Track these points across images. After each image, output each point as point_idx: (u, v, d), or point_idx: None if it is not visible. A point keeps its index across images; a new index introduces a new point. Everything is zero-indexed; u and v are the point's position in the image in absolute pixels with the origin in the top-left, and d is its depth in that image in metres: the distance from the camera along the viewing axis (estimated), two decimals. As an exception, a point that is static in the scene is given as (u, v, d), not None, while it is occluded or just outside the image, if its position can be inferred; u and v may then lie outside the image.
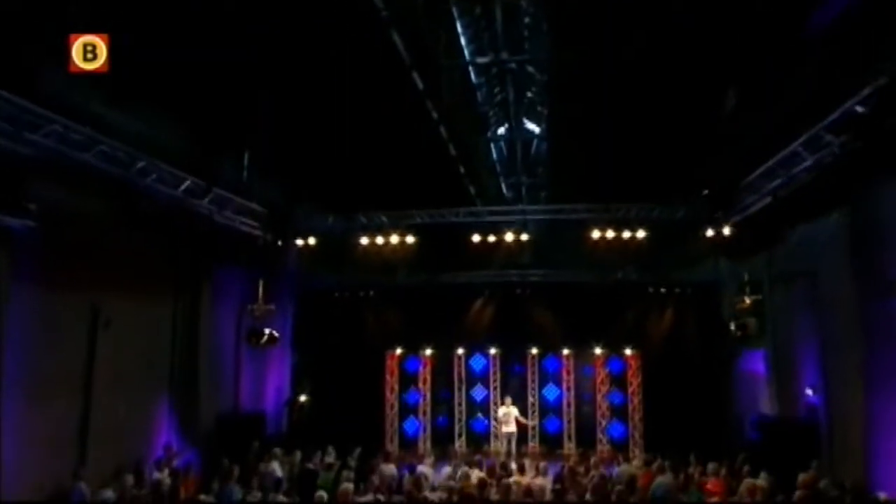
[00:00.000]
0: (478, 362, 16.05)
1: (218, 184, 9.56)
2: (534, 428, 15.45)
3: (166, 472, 10.07)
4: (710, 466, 10.19)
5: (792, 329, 13.86)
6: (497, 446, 15.26)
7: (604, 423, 14.97)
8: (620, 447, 14.68)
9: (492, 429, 15.53)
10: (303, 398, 14.32)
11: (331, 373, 15.50)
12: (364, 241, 12.53)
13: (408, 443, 15.44)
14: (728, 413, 14.94)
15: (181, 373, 11.52)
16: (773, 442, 11.40)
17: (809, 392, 13.03)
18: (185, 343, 11.55)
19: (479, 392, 15.89)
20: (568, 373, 15.54)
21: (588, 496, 8.68)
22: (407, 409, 15.62)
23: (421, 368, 15.77)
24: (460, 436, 15.55)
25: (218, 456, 10.90)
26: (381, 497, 8.17)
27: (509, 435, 13.11)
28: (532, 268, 15.73)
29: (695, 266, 16.40)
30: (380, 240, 12.42)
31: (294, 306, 15.76)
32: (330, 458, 11.75)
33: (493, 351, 15.78)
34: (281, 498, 8.88)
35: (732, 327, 8.82)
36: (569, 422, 15.32)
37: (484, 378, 15.91)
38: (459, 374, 15.79)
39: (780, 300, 14.34)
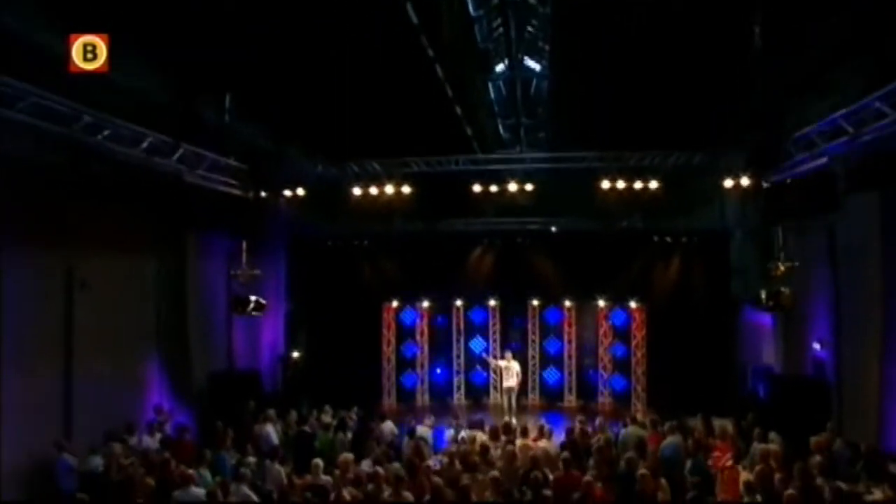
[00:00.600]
0: (477, 315, 15.64)
1: (190, 138, 8.57)
2: (534, 380, 15.23)
3: (158, 436, 9.74)
4: (717, 427, 9.94)
5: (803, 281, 13.41)
6: (496, 399, 15.10)
7: (605, 376, 14.74)
8: (622, 401, 14.52)
9: (491, 381, 15.32)
10: (296, 354, 13.92)
11: (326, 326, 15.12)
12: (357, 191, 11.75)
13: (405, 396, 15.24)
14: (731, 365, 14.72)
15: (169, 332, 11.03)
16: (783, 400, 11.12)
17: (817, 347, 12.71)
18: (171, 301, 10.99)
19: (478, 344, 15.56)
20: (570, 325, 15.16)
21: (592, 464, 8.36)
22: (404, 363, 15.33)
23: (418, 321, 15.37)
24: (459, 389, 15.34)
25: (213, 417, 10.59)
26: (380, 469, 7.80)
27: (509, 390, 12.85)
28: (533, 216, 15.08)
29: (701, 213, 15.85)
30: (374, 190, 11.64)
31: (286, 257, 15.11)
32: (327, 416, 11.46)
33: (492, 303, 15.34)
34: (276, 466, 8.53)
35: (764, 296, 8.16)
36: (569, 374, 15.10)
37: (483, 330, 15.54)
38: (458, 326, 15.40)
39: (791, 251, 13.83)
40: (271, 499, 8.13)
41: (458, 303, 15.37)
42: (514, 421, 12.63)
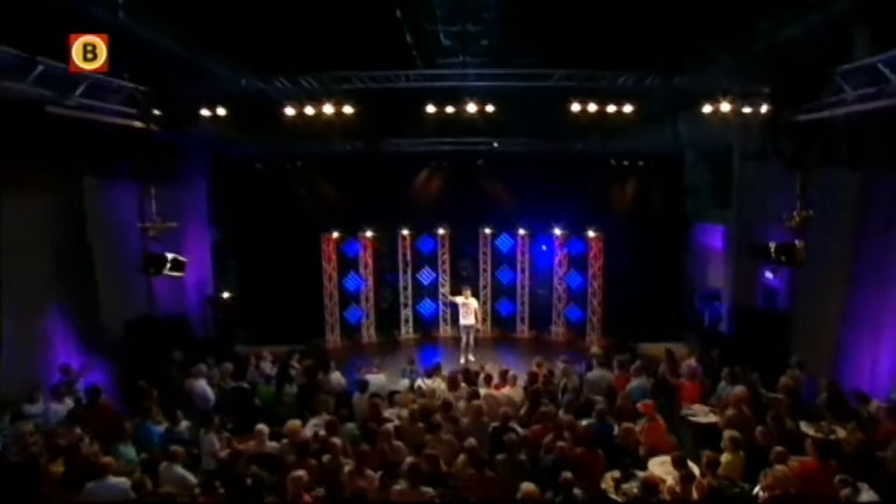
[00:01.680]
0: (425, 244, 14.61)
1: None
2: (486, 311, 14.64)
3: (68, 401, 8.40)
4: (685, 365, 9.69)
5: (761, 207, 13.17)
6: (447, 331, 14.49)
7: (560, 306, 14.31)
8: (577, 331, 14.23)
9: (440, 313, 14.61)
10: (227, 294, 12.51)
11: (259, 260, 13.74)
12: (290, 111, 10.03)
13: (350, 331, 14.30)
14: (682, 289, 14.67)
15: (72, 280, 9.35)
16: (746, 334, 10.99)
17: (769, 275, 12.69)
18: (70, 245, 9.24)
19: (426, 275, 14.66)
20: (523, 254, 14.45)
21: (562, 414, 7.83)
22: (348, 297, 14.26)
23: (361, 252, 14.17)
24: (406, 322, 14.55)
25: (133, 374, 9.29)
26: (336, 441, 6.92)
27: (468, 328, 12.15)
28: (485, 135, 13.86)
29: (658, 135, 15.16)
30: (310, 110, 9.96)
31: (207, 181, 13.27)
32: (267, 365, 10.39)
33: (441, 231, 14.29)
34: (211, 436, 7.47)
35: (772, 250, 7.47)
36: (522, 305, 14.58)
37: (432, 260, 14.59)
38: (405, 256, 14.36)
39: (751, 176, 13.49)
40: (211, 476, 7.18)
41: (405, 232, 14.22)
42: (471, 358, 12.14)
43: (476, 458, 6.50)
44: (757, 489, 6.10)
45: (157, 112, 7.41)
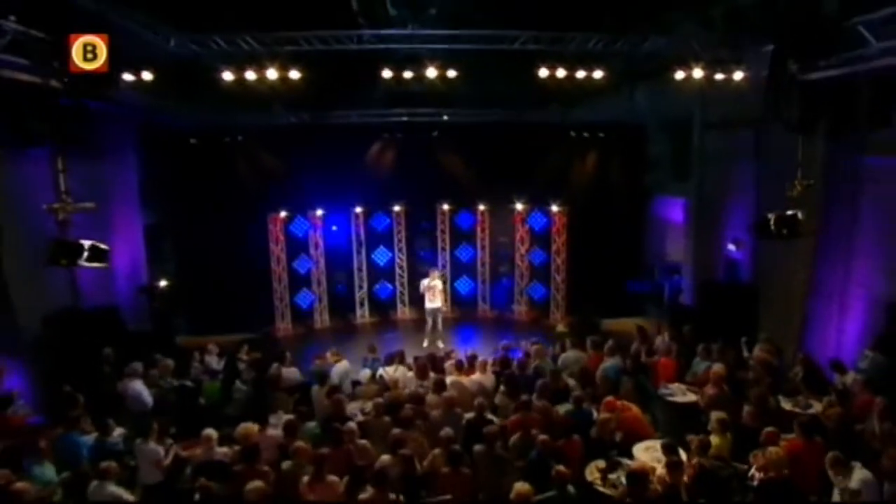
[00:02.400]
0: (380, 221, 13.77)
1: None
2: (445, 291, 13.98)
3: (-23, 411, 7.27)
4: (658, 342, 9.40)
5: (723, 179, 13.06)
6: (405, 313, 13.81)
7: (522, 284, 13.84)
8: (540, 309, 13.82)
9: (397, 294, 13.88)
10: (163, 282, 11.35)
11: (199, 244, 12.58)
12: (228, 75, 8.93)
13: (302, 316, 13.39)
14: (643, 263, 14.50)
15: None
16: (711, 307, 10.81)
17: (732, 248, 12.61)
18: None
19: (382, 255, 13.86)
20: (483, 230, 13.85)
21: (536, 399, 7.36)
22: (298, 280, 13.31)
23: (312, 231, 13.21)
24: (362, 305, 13.76)
25: (55, 376, 8.18)
26: (301, 444, 6.17)
27: (434, 311, 11.48)
28: (440, 106, 13.09)
29: (616, 105, 14.78)
30: (251, 75, 8.90)
31: (136, 156, 11.97)
32: (213, 359, 9.46)
33: (397, 208, 13.49)
34: (151, 445, 6.57)
35: (772, 223, 7.06)
36: (483, 283, 14.03)
37: (387, 239, 13.79)
38: (358, 235, 13.50)
39: (713, 148, 13.33)
40: (152, 492, 6.33)
41: (358, 209, 13.34)
42: (440, 344, 11.53)
43: (452, 453, 5.91)
44: (752, 471, 5.80)
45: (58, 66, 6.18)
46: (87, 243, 6.62)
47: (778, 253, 10.70)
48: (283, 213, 12.68)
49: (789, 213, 6.70)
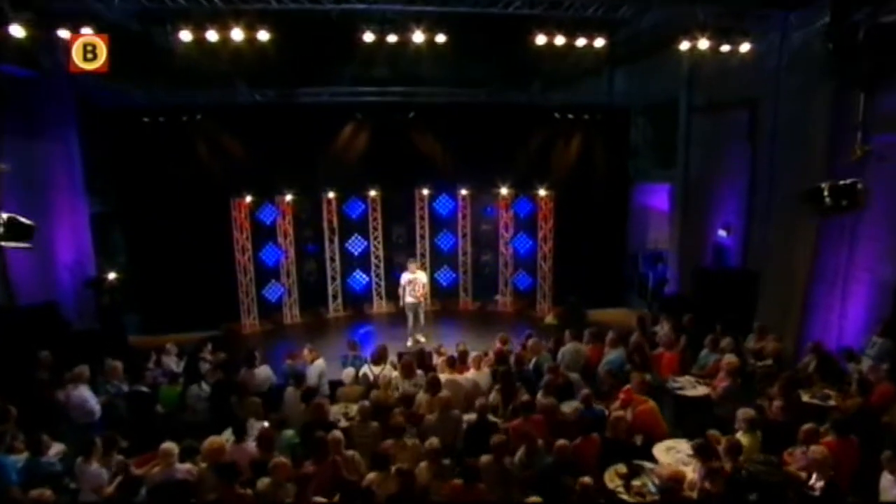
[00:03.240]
0: (354, 208, 12.78)
1: None
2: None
3: None
4: (659, 331, 8.79)
5: (710, 163, 12.60)
6: (380, 306, 12.88)
7: (507, 273, 13.07)
8: (525, 300, 13.08)
9: (373, 286, 12.94)
10: (113, 275, 10.13)
11: (153, 233, 11.38)
12: (186, 35, 7.82)
13: (270, 311, 12.31)
14: (626, 252, 13.96)
15: None
16: (710, 295, 10.26)
17: (723, 233, 12.16)
18: None
19: (356, 244, 12.88)
20: (465, 217, 13.02)
21: (542, 397, 6.62)
22: (266, 272, 12.22)
23: (279, 218, 12.12)
24: (335, 299, 12.75)
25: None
26: (282, 459, 5.24)
27: (414, 306, 10.60)
28: (418, 85, 12.21)
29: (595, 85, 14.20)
30: (213, 35, 7.82)
31: (79, 136, 10.70)
32: (171, 361, 8.39)
33: (372, 193, 12.51)
34: (93, 466, 5.55)
35: (826, 194, 6.42)
36: (464, 273, 13.21)
37: (362, 226, 12.81)
38: (331, 222, 12.48)
39: (700, 132, 12.87)
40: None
41: (331, 194, 12.31)
42: (421, 339, 10.68)
43: (466, 468, 5.10)
44: (813, 479, 5.15)
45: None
46: (4, 216, 5.49)
47: (776, 237, 10.27)
48: (248, 198, 11.52)
49: (846, 182, 6.00)
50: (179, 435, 6.20)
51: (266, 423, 6.76)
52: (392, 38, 7.97)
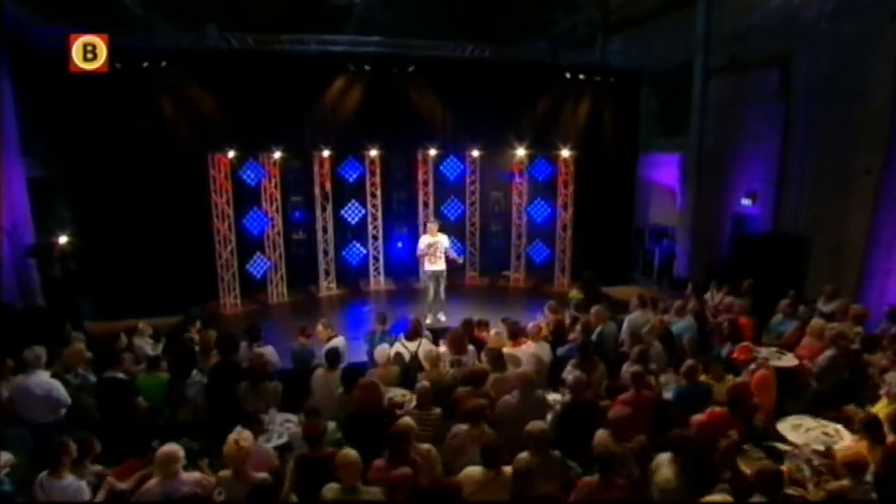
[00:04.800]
0: (351, 169, 11.19)
1: None
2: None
3: None
4: (710, 300, 7.80)
5: (731, 128, 11.78)
6: (378, 284, 11.37)
7: (520, 245, 11.79)
8: (540, 274, 11.83)
9: (370, 260, 11.42)
10: (64, 239, 8.22)
11: (108, 202, 9.38)
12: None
13: (253, 289, 10.60)
14: (631, 225, 13.01)
15: None
16: (754, 261, 9.34)
17: (747, 202, 11.35)
18: None
19: (353, 211, 11.31)
20: (473, 182, 11.66)
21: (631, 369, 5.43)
22: (250, 244, 10.47)
23: (265, 179, 10.40)
24: (328, 275, 11.15)
25: None
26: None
27: (437, 274, 9.16)
28: (417, 36, 10.83)
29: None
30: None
31: (10, 83, 8.74)
32: (144, 345, 6.72)
33: (373, 153, 10.96)
34: (67, 479, 4.01)
35: None
36: (472, 245, 11.85)
37: (358, 191, 11.25)
38: (323, 186, 10.85)
39: (717, 95, 12.03)
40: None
41: (325, 153, 10.68)
42: (442, 318, 9.29)
43: (601, 458, 3.83)
44: None
45: None
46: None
47: (824, 199, 9.49)
48: (231, 154, 9.71)
49: None
50: (170, 435, 4.72)
51: (289, 416, 5.36)
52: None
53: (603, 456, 3.87)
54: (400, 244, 11.57)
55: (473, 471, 3.91)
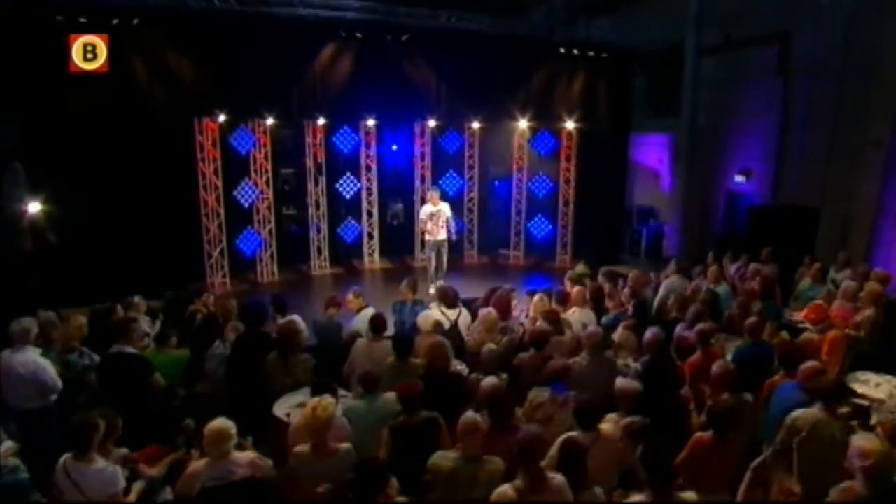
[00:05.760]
0: (346, 139, 10.51)
1: None
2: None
3: None
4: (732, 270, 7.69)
5: (724, 106, 11.83)
6: (372, 263, 10.74)
7: (520, 220, 11.41)
8: (541, 252, 11.51)
9: (365, 234, 10.77)
10: (36, 206, 7.20)
11: (74, 175, 8.17)
12: None
13: (243, 267, 9.79)
14: (623, 204, 12.87)
15: None
16: (767, 233, 9.28)
17: (741, 179, 11.42)
18: None
19: (348, 185, 10.63)
20: (472, 156, 11.19)
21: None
22: (240, 215, 9.61)
23: (254, 149, 9.60)
24: (320, 253, 10.44)
25: None
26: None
27: (438, 244, 8.66)
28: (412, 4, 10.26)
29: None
30: None
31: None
32: (142, 321, 5.93)
33: (370, 122, 10.31)
34: (99, 464, 3.39)
35: None
36: (470, 221, 11.39)
37: (353, 164, 10.59)
38: (316, 157, 10.13)
39: (712, 72, 12.04)
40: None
41: (320, 121, 9.96)
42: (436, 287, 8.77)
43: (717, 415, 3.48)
44: None
45: None
46: None
47: (829, 172, 9.57)
48: (221, 118, 8.85)
49: None
50: (192, 414, 4.15)
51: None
52: None
53: (720, 414, 3.55)
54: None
55: (574, 436, 3.49)
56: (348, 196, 10.55)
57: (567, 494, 2.83)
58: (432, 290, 8.42)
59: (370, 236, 10.76)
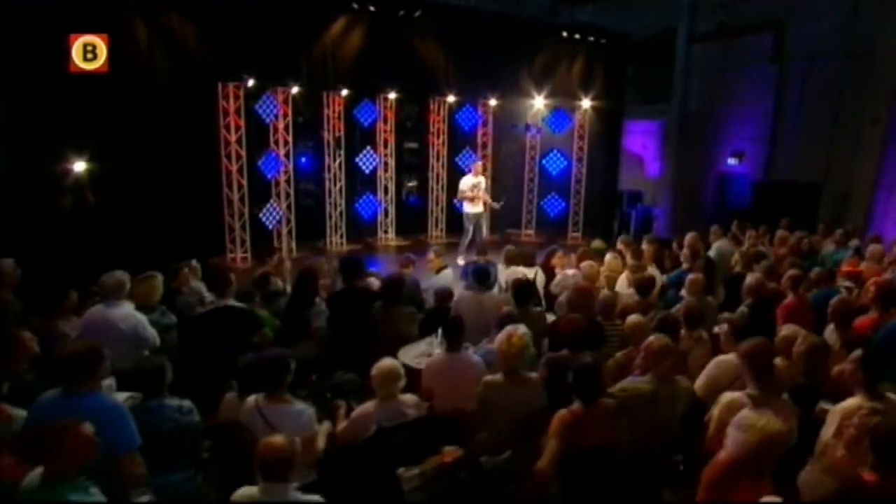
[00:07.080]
0: (367, 113, 10.25)
1: None
2: (436, 209, 11.13)
3: None
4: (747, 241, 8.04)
5: (716, 92, 12.39)
6: (388, 239, 10.53)
7: (533, 198, 11.49)
8: (554, 229, 11.64)
9: (381, 211, 10.55)
10: (81, 166, 6.62)
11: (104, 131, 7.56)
12: None
13: (262, 240, 9.30)
14: (616, 188, 13.26)
15: None
16: (772, 208, 9.82)
17: (733, 161, 12.03)
18: None
19: (367, 159, 10.38)
20: (486, 135, 11.18)
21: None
22: (262, 187, 9.17)
23: (278, 116, 9.13)
24: (338, 229, 10.15)
25: None
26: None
27: (478, 217, 8.60)
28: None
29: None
30: None
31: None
32: (199, 287, 5.62)
33: (391, 95, 10.11)
34: (297, 406, 3.22)
35: None
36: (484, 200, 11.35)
37: (370, 138, 10.36)
38: (335, 129, 9.82)
39: (702, 60, 12.60)
40: None
41: (344, 92, 9.66)
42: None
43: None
44: None
45: None
46: None
47: (826, 150, 10.21)
48: (250, 82, 8.41)
49: None
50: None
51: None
52: None
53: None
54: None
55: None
56: (367, 171, 10.31)
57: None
58: (461, 262, 8.38)
59: (386, 213, 10.57)
